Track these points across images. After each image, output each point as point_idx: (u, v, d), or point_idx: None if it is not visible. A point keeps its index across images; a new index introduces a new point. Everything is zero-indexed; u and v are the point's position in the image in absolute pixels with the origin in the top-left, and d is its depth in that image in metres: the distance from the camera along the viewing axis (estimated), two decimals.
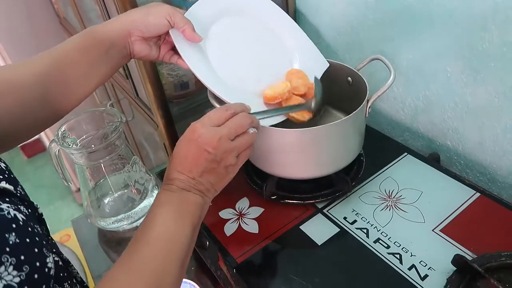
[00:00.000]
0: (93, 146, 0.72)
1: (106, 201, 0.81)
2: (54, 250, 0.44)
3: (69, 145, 0.71)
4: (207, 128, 0.48)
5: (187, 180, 0.47)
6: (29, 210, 0.38)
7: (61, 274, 0.43)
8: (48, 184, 2.26)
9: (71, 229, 0.88)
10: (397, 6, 0.74)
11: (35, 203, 0.41)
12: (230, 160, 0.49)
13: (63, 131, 0.73)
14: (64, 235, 1.55)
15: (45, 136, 1.88)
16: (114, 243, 0.81)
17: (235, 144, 0.50)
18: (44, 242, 0.36)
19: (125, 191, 0.80)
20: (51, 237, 0.45)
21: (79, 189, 2.14)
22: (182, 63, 0.62)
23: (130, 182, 0.79)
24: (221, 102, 0.63)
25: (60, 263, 0.44)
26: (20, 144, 2.48)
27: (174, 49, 0.62)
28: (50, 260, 0.36)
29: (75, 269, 0.49)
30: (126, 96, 1.11)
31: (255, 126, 0.53)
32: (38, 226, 0.38)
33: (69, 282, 0.43)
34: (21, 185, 0.41)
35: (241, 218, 0.68)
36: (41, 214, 0.42)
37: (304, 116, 0.65)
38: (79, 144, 0.73)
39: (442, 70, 0.72)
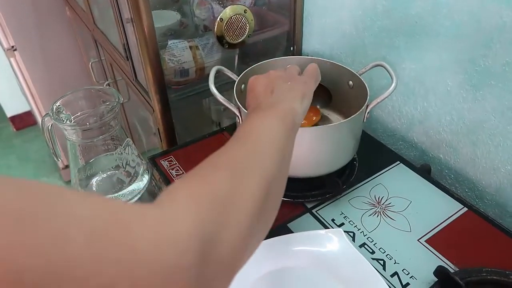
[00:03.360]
0: (87, 124, 0.71)
1: (94, 180, 0.80)
2: None
3: (63, 121, 0.70)
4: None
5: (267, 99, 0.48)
6: None
7: None
8: (35, 159, 2.23)
9: None
10: (404, 14, 0.74)
11: None
12: (296, 75, 0.54)
13: (58, 105, 0.71)
14: None
15: (36, 109, 1.85)
16: None
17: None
18: None
19: (115, 172, 0.79)
20: None
21: (66, 166, 2.09)
22: None
23: (121, 164, 0.78)
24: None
25: None
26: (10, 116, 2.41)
27: None
28: None
29: None
30: (124, 78, 1.10)
31: None
32: None
33: None
34: None
35: None
36: None
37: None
38: (73, 121, 0.72)
39: (442, 83, 0.73)
